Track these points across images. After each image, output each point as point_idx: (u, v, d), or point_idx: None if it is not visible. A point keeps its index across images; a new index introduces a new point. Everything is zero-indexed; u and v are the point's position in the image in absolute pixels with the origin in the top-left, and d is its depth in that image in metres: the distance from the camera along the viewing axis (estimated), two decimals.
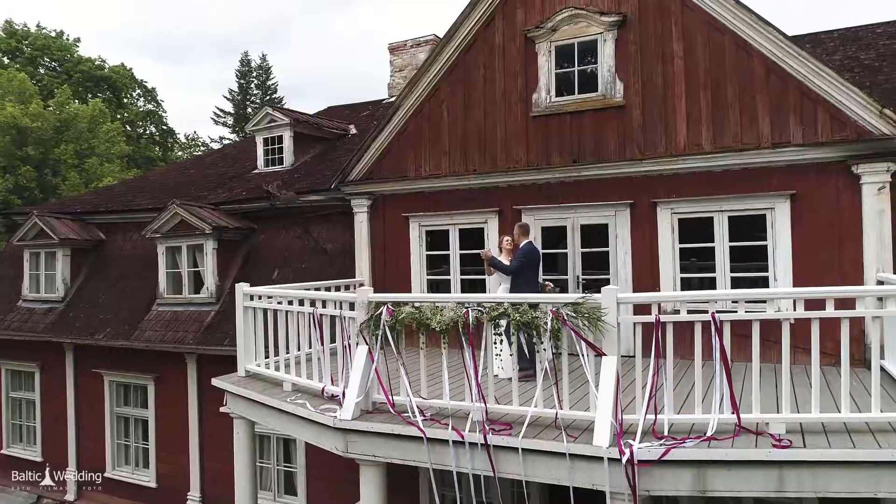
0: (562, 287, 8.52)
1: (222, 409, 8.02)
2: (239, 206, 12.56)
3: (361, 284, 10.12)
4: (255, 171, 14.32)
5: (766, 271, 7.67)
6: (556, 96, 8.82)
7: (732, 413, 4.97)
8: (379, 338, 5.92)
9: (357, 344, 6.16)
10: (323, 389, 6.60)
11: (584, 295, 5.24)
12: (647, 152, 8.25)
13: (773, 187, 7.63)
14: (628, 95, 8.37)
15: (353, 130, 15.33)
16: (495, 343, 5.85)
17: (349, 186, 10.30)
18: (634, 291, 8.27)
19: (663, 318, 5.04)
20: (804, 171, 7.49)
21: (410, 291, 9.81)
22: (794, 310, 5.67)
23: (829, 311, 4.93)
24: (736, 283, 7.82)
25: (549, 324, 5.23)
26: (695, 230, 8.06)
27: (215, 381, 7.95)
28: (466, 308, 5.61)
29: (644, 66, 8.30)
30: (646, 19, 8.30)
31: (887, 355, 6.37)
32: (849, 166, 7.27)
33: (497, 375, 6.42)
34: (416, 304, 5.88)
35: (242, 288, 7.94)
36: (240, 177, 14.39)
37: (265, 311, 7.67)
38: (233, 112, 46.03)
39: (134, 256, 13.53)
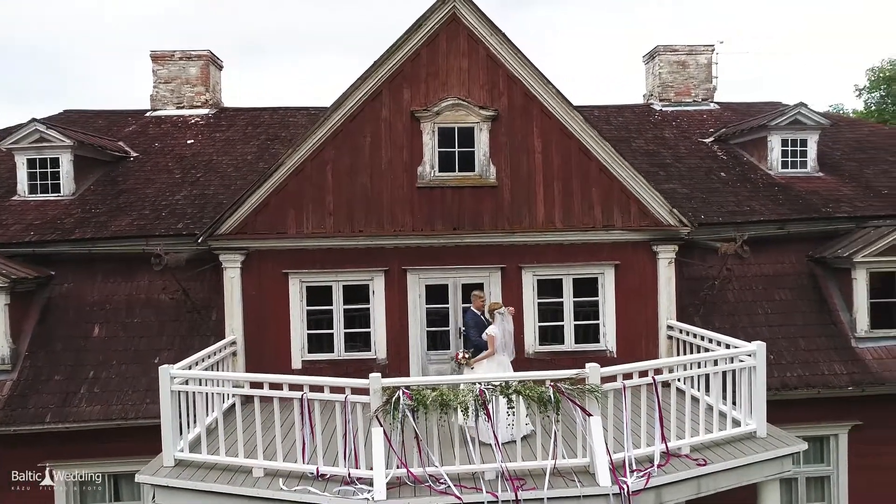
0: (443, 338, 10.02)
1: None
2: (32, 249, 10.51)
3: (234, 343, 9.89)
4: (18, 199, 11.93)
5: (598, 319, 10.37)
6: (440, 171, 10.13)
7: (662, 443, 7.24)
8: (400, 420, 6.60)
9: (372, 426, 6.67)
10: (317, 470, 6.86)
11: (578, 371, 6.90)
12: (515, 226, 10.19)
13: (603, 258, 10.33)
14: (500, 178, 10.18)
15: (133, 153, 13.78)
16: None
17: (220, 241, 9.84)
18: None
19: (627, 383, 7.05)
20: (624, 247, 10.36)
21: (290, 348, 10.01)
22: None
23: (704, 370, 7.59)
24: (578, 329, 10.34)
25: (552, 396, 6.75)
26: (549, 288, 10.33)
27: (141, 478, 7.20)
28: (481, 388, 6.75)
29: (512, 155, 10.20)
30: (514, 118, 10.20)
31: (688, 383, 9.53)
32: (651, 245, 10.37)
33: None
34: (432, 386, 6.75)
35: (169, 371, 7.38)
36: None
37: (206, 395, 7.36)
38: None
39: None
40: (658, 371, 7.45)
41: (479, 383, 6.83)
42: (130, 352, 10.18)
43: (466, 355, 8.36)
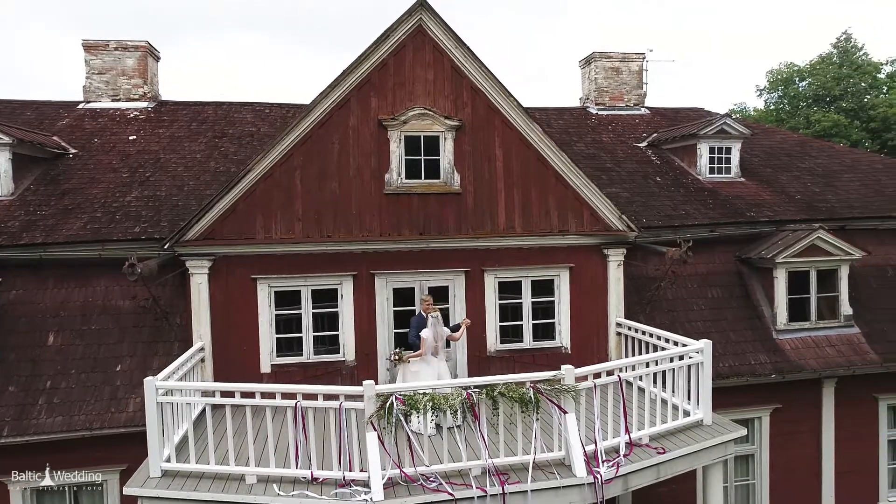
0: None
1: None
2: None
3: (202, 349, 9.87)
4: None
5: (554, 318, 11.06)
6: (406, 178, 10.44)
7: (626, 434, 7.99)
8: (394, 424, 6.97)
9: (367, 431, 7.02)
10: (311, 474, 7.13)
11: (555, 372, 7.50)
12: (478, 231, 10.67)
13: (559, 261, 11.01)
14: (464, 185, 10.62)
15: (71, 149, 13.23)
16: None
17: (187, 247, 9.75)
18: (468, 337, 10.69)
19: (597, 381, 7.73)
20: (577, 250, 11.07)
21: (259, 352, 10.10)
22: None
23: (655, 368, 8.41)
24: (535, 328, 10.99)
25: (533, 396, 7.33)
26: (509, 289, 10.91)
27: (129, 491, 7.22)
28: (468, 391, 7.23)
29: (475, 163, 10.66)
30: (477, 128, 10.64)
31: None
32: (602, 249, 11.14)
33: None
34: (425, 391, 7.16)
35: (154, 382, 7.39)
36: None
37: (192, 404, 7.44)
38: None
39: None
40: (621, 369, 8.18)
41: (468, 387, 7.31)
42: (90, 360, 9.93)
43: (398, 352, 9.08)
